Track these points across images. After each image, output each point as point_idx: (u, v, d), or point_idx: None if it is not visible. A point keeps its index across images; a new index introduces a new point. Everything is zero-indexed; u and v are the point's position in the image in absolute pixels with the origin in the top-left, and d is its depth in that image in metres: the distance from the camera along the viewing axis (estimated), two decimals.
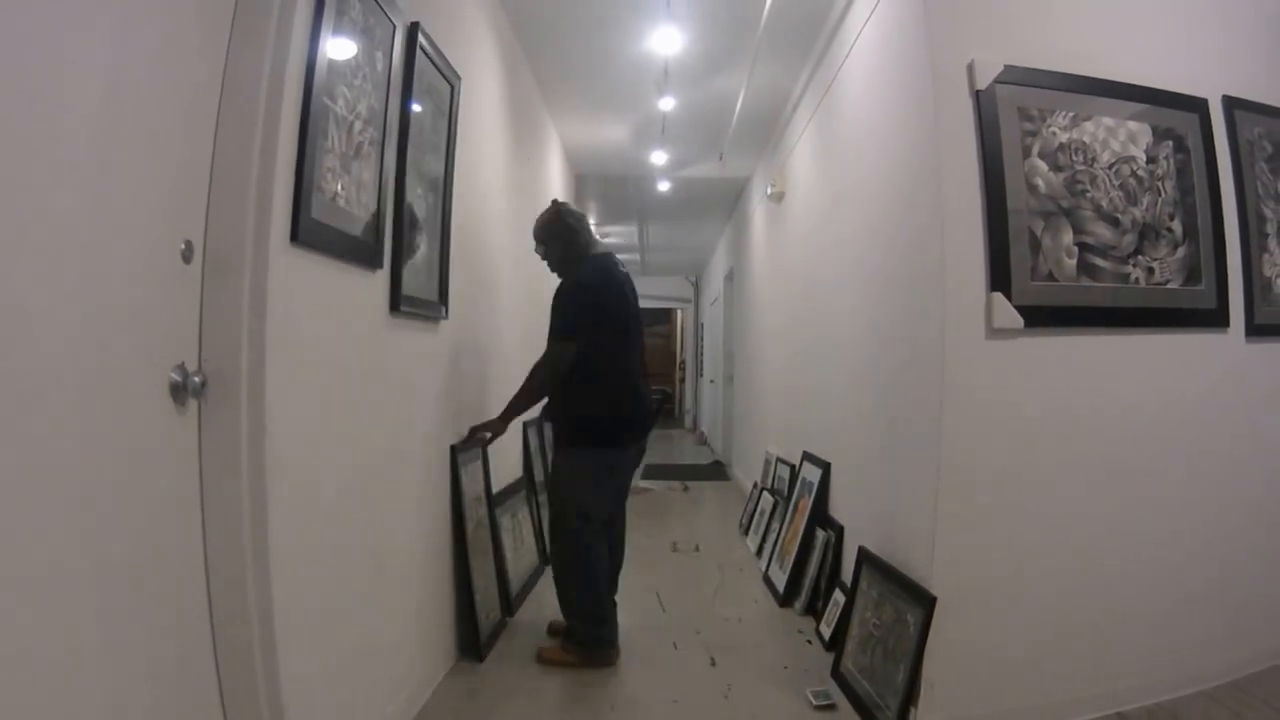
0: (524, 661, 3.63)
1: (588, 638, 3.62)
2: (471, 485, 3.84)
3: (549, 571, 4.94)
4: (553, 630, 3.91)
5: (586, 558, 3.62)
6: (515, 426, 4.98)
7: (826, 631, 3.76)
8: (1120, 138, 2.97)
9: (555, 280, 3.81)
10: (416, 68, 2.88)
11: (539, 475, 5.44)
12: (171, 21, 1.74)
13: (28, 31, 1.34)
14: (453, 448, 3.60)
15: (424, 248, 3.10)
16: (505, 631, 3.97)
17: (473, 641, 3.59)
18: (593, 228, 4.04)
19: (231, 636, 1.92)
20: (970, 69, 2.84)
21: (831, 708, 3.13)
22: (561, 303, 3.65)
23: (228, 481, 1.90)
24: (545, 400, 3.83)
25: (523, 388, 3.72)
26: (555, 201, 4.01)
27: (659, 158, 7.56)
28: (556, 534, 3.73)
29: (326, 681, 2.26)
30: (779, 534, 5.05)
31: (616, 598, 3.81)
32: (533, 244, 3.94)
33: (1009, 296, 2.80)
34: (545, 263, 3.95)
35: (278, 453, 1.97)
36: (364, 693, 2.55)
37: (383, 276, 2.71)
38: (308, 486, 2.16)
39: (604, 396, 3.61)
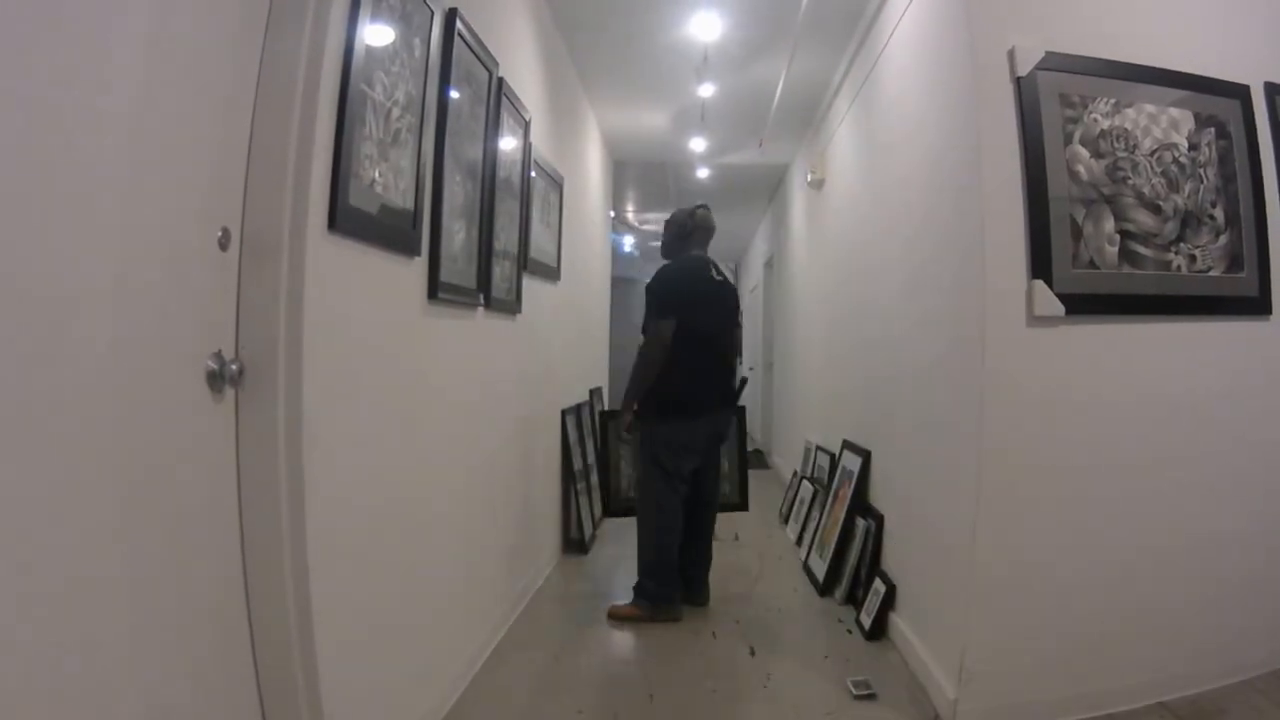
0: (556, 649, 3.67)
1: (653, 595, 4.04)
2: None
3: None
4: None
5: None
6: (554, 416, 5.08)
7: (867, 620, 3.75)
8: (1162, 124, 2.93)
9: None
10: (455, 54, 2.88)
11: (578, 464, 5.48)
12: (208, 6, 1.74)
13: (64, 15, 1.33)
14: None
15: (463, 235, 3.11)
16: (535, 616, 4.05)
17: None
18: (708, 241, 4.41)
19: (269, 625, 1.92)
20: (1011, 55, 2.80)
21: (872, 697, 3.11)
22: (649, 290, 4.14)
23: (265, 469, 1.89)
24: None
25: (633, 372, 4.12)
26: (703, 205, 4.40)
27: (698, 144, 7.53)
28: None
29: (358, 673, 2.24)
30: (819, 522, 5.03)
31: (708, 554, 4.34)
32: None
33: (1050, 284, 2.77)
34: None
35: (315, 439, 1.97)
36: (398, 675, 2.56)
37: (421, 264, 2.72)
38: (346, 472, 2.16)
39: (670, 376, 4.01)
